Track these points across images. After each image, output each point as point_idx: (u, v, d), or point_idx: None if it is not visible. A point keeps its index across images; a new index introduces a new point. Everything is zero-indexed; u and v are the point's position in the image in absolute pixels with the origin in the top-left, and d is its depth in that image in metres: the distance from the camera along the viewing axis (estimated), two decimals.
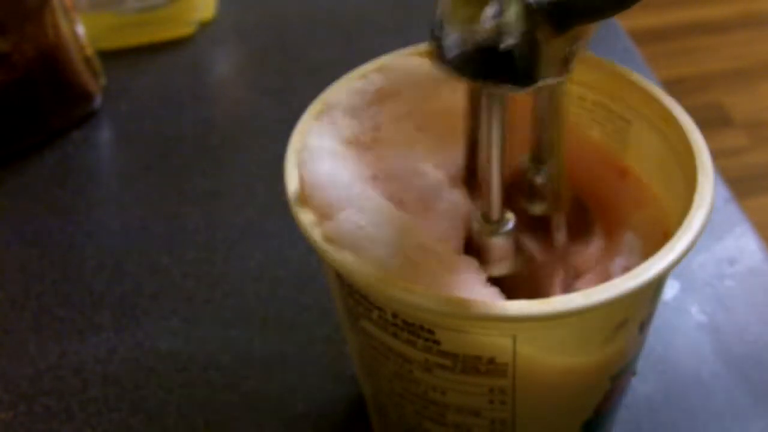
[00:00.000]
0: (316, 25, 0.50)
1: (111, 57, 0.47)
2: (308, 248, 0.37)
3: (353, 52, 0.28)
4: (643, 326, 0.24)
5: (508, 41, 0.19)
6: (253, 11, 0.51)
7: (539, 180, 0.24)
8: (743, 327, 0.33)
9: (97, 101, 0.45)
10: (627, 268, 0.23)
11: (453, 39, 0.19)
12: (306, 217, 0.23)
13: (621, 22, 0.48)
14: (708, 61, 1.30)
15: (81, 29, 0.43)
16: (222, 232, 0.38)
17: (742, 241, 0.36)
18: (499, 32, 0.19)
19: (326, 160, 0.24)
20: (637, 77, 0.26)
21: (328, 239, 0.22)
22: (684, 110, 0.25)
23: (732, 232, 0.36)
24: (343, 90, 0.26)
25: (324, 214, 0.23)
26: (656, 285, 0.23)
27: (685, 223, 0.22)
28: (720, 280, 0.35)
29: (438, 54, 0.20)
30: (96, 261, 0.37)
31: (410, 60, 0.27)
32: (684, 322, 0.33)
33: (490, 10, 0.19)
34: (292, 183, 0.24)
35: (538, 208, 0.24)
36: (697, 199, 0.22)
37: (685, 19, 1.38)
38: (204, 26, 0.50)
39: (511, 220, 0.23)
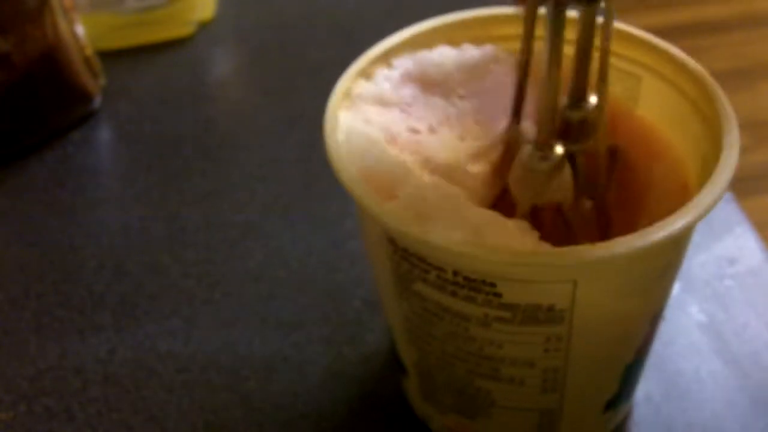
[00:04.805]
0: (316, 25, 0.50)
1: (111, 57, 0.47)
2: (308, 248, 0.37)
3: (353, 52, 0.28)
4: (677, 268, 0.25)
5: None
6: (253, 11, 0.51)
7: (578, 116, 0.24)
8: (743, 327, 0.33)
9: (97, 101, 0.45)
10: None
11: None
12: (366, 191, 0.23)
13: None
14: (708, 61, 1.30)
15: (81, 29, 0.43)
16: (222, 232, 0.38)
17: (742, 241, 0.36)
18: None
19: (374, 147, 0.25)
20: (641, 33, 0.27)
21: (394, 215, 0.22)
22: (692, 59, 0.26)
23: (732, 232, 0.36)
24: (371, 76, 0.27)
25: (386, 195, 0.23)
26: (696, 225, 0.24)
27: (721, 161, 0.22)
28: (720, 280, 0.35)
29: None
30: (96, 261, 0.37)
31: (436, 52, 0.28)
32: (684, 322, 0.33)
33: None
34: (339, 161, 0.24)
35: (576, 146, 0.25)
36: (726, 141, 0.23)
37: (685, 19, 1.38)
38: (204, 26, 0.50)
39: (560, 151, 0.24)
